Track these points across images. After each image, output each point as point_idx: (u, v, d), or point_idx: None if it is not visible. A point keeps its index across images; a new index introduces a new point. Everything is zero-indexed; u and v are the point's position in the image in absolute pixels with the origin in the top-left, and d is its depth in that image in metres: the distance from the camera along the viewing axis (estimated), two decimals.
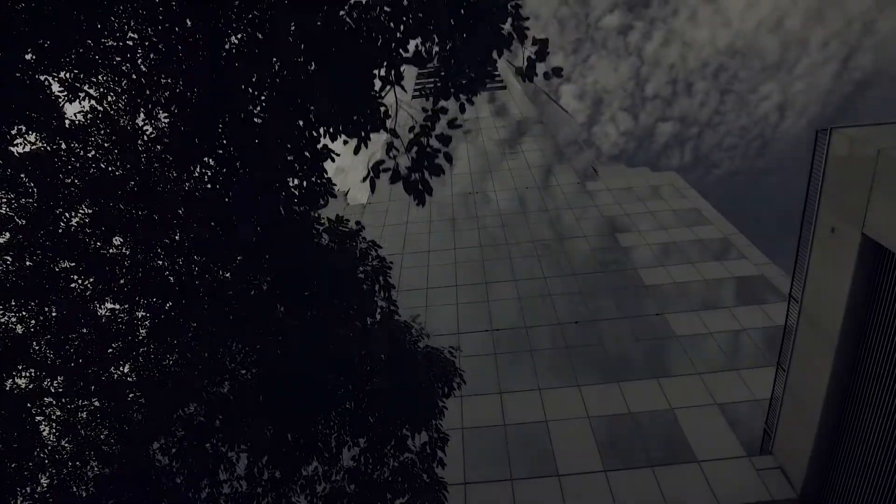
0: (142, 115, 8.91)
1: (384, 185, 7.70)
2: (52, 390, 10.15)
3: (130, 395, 9.75)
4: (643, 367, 18.66)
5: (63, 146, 8.77)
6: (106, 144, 9.18)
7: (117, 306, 9.84)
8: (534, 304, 22.77)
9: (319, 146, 6.77)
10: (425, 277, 25.70)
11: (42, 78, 8.01)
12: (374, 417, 8.07)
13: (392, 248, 28.00)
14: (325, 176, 6.99)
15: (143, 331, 9.81)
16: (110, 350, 10.02)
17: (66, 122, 8.54)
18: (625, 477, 14.74)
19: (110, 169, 9.36)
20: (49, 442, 10.05)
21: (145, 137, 9.10)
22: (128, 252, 9.61)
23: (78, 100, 8.56)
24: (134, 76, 8.85)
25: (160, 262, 9.55)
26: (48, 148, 8.52)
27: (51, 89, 8.14)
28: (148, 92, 8.98)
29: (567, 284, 23.95)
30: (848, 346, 11.85)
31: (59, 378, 10.15)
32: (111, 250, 9.58)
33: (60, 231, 9.28)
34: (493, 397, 17.96)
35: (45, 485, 9.61)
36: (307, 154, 6.54)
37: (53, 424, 10.23)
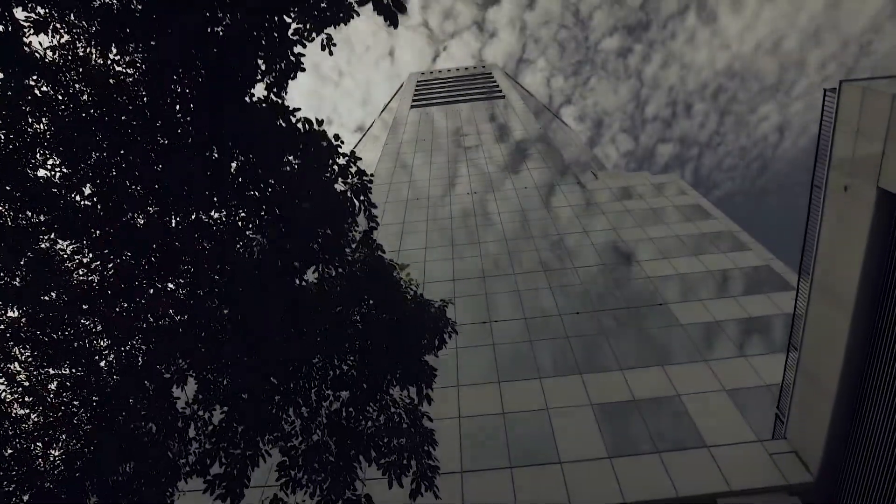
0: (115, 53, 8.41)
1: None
2: (20, 356, 9.52)
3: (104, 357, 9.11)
4: (647, 355, 17.96)
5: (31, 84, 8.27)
6: (78, 86, 8.68)
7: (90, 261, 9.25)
8: (534, 296, 22.12)
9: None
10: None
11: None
12: (358, 370, 7.43)
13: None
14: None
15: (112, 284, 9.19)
16: (84, 310, 9.41)
17: (36, 56, 8.05)
18: (631, 463, 13.96)
19: (84, 115, 8.84)
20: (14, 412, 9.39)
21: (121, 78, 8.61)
22: (100, 205, 9.04)
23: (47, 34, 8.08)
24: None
25: (135, 214, 8.98)
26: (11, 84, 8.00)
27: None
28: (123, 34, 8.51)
29: (568, 277, 23.34)
30: (864, 313, 11.21)
31: (27, 344, 9.51)
32: (83, 202, 9.02)
33: (29, 184, 8.74)
34: (492, 387, 17.22)
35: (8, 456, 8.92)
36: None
37: (19, 393, 9.56)
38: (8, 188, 8.69)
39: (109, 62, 8.45)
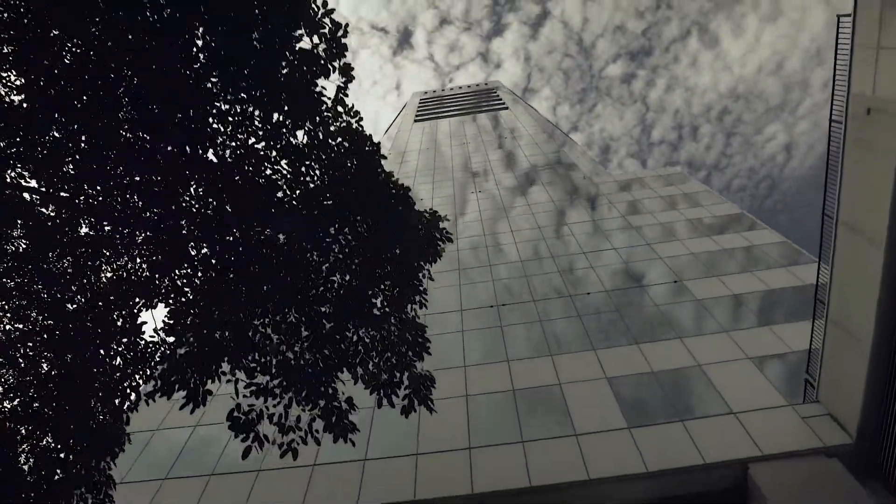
0: None
1: None
2: None
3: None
4: (664, 329, 17.04)
5: None
6: None
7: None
8: (544, 280, 21.32)
9: None
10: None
11: None
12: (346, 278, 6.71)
13: None
14: None
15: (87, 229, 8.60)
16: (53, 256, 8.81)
17: None
18: (652, 432, 12.98)
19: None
20: None
21: None
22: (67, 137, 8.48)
23: None
24: None
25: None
26: None
27: None
28: None
29: (580, 261, 22.54)
30: None
31: None
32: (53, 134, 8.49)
33: None
34: (500, 365, 16.34)
35: None
36: None
37: None
38: None
39: None
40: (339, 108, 6.63)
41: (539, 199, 31.25)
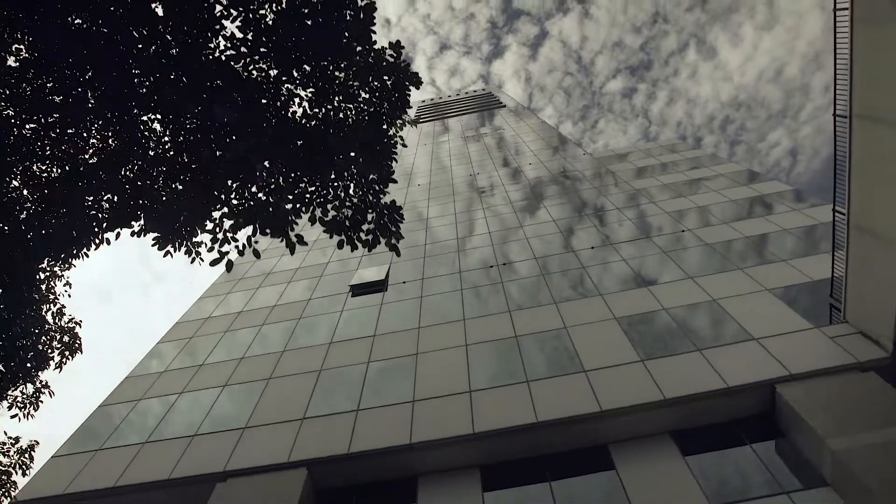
0: None
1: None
2: None
3: None
4: (674, 271, 16.03)
5: None
6: None
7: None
8: (545, 242, 20.39)
9: None
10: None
11: None
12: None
13: None
14: None
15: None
16: None
17: None
18: (668, 363, 11.94)
19: None
20: None
21: None
22: None
23: None
24: None
25: None
26: None
27: None
28: None
29: (582, 221, 21.63)
30: None
31: None
32: None
33: None
34: (502, 316, 15.35)
35: None
36: None
37: None
38: None
39: None
40: None
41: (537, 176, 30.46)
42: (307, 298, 19.35)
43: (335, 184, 6.33)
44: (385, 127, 6.37)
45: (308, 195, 6.31)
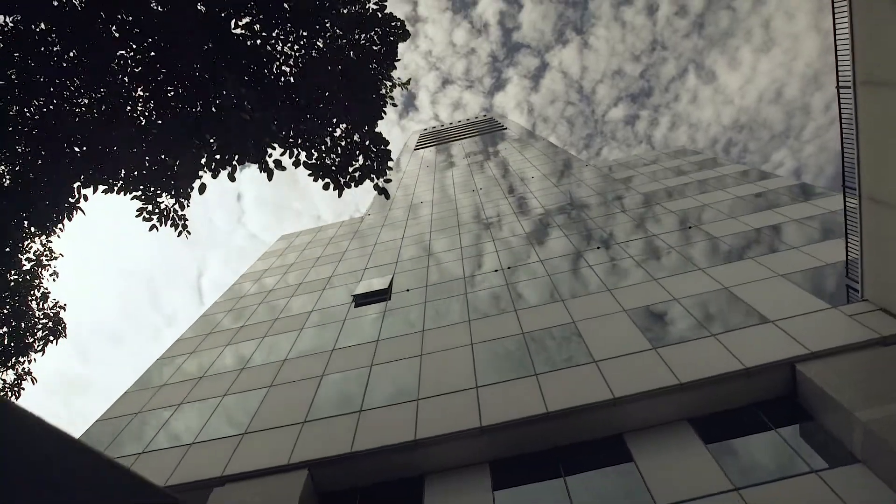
0: None
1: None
2: None
3: None
4: (682, 265, 15.61)
5: None
6: None
7: None
8: (548, 244, 20.07)
9: None
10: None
11: None
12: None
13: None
14: None
15: None
16: None
17: None
18: (681, 349, 11.46)
19: None
20: None
21: None
22: None
23: None
24: None
25: None
26: None
27: None
28: None
29: (585, 224, 21.32)
30: None
31: None
32: None
33: None
34: (508, 315, 14.93)
35: None
36: None
37: None
38: None
39: None
40: None
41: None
42: (309, 311, 19.03)
43: (318, 122, 6.11)
44: (373, 73, 6.18)
45: (293, 139, 6.11)
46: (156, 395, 15.08)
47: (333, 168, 6.19)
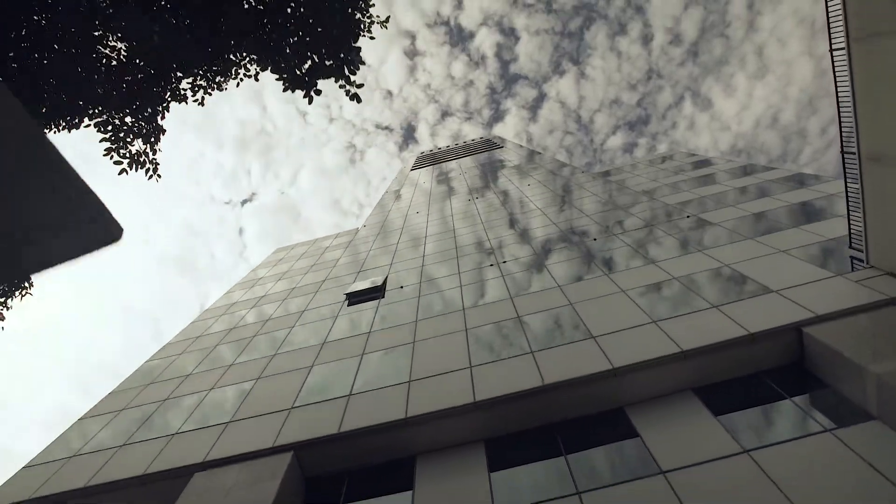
0: None
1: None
2: None
3: None
4: (681, 248, 15.24)
5: None
6: None
7: None
8: (542, 234, 19.72)
9: None
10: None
11: None
12: None
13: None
14: None
15: None
16: None
17: None
18: (682, 321, 11.01)
19: None
20: None
21: None
22: None
23: None
24: None
25: None
26: None
27: None
28: None
29: (581, 220, 21.01)
30: None
31: None
32: None
33: None
34: (503, 302, 14.49)
35: None
36: None
37: None
38: None
39: None
40: None
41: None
42: (301, 310, 18.58)
43: (291, 41, 5.86)
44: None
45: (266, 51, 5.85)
46: (140, 394, 14.55)
47: (306, 79, 5.91)
